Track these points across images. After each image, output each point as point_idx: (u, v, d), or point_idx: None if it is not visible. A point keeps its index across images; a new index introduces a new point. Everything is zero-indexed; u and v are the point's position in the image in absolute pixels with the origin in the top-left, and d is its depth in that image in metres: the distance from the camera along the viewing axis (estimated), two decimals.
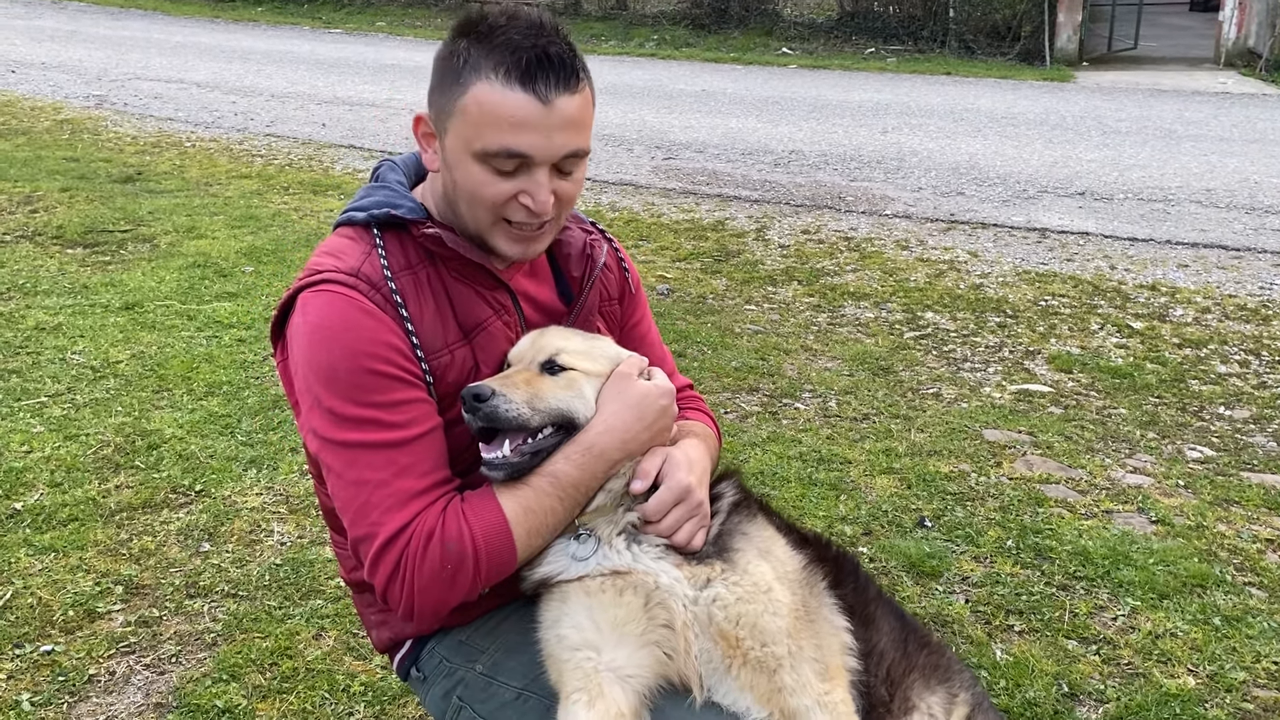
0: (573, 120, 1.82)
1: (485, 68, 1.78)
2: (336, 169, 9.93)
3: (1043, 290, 6.81)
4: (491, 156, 1.80)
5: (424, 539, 1.75)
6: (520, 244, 1.92)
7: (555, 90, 1.78)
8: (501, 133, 1.78)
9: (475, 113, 1.79)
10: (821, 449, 4.55)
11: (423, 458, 1.81)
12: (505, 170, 1.82)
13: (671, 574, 1.80)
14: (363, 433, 1.78)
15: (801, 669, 1.77)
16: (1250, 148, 10.79)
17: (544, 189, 1.83)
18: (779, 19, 20.29)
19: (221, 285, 6.40)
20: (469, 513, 1.79)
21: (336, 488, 1.81)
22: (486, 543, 1.77)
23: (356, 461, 1.78)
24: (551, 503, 1.81)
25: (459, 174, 1.86)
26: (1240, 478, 4.40)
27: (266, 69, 15.56)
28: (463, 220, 1.92)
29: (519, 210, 1.86)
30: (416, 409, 1.83)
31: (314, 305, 1.84)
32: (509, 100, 1.77)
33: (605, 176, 9.73)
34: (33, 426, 4.51)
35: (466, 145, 1.82)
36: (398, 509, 1.76)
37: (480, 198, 1.85)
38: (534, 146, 1.79)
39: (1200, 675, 3.16)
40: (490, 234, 1.90)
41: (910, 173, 9.92)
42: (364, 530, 1.77)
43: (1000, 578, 3.65)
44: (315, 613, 3.36)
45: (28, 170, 9.19)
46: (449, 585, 1.76)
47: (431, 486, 1.80)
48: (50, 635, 3.23)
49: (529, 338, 1.95)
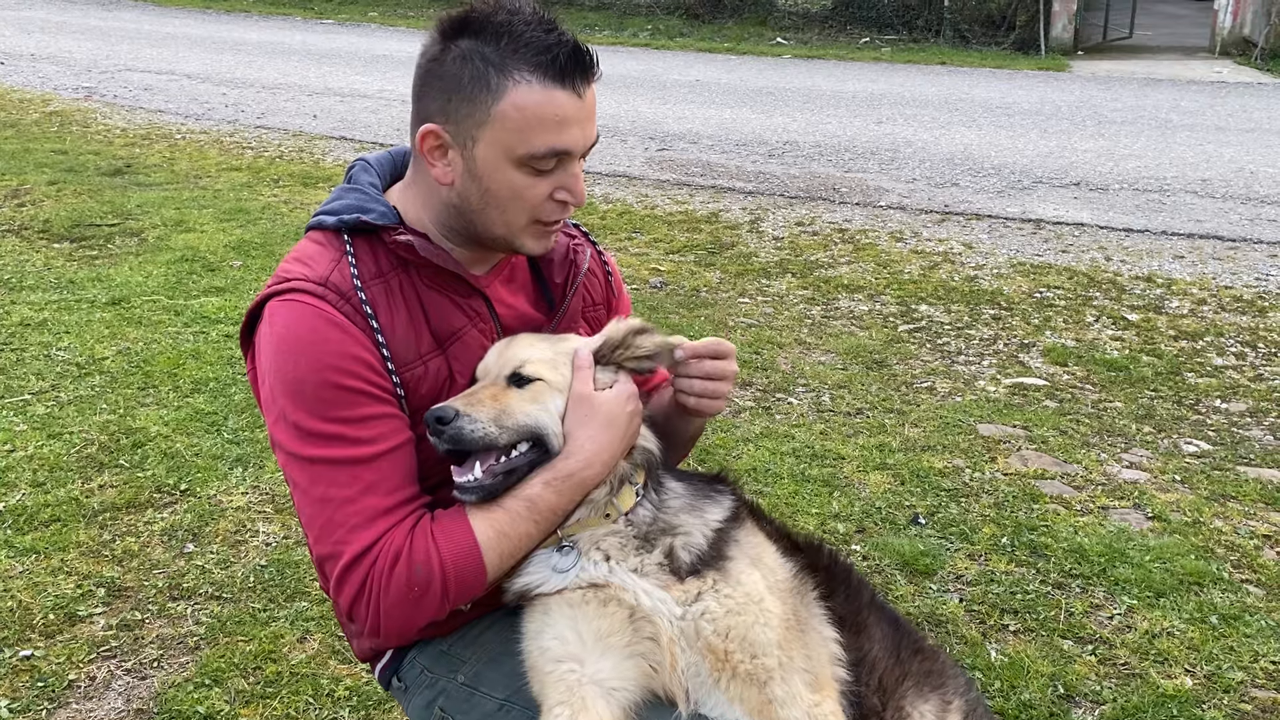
0: (593, 111, 1.85)
1: (517, 70, 1.75)
2: (327, 161, 9.84)
3: (1038, 282, 6.77)
4: (538, 159, 1.79)
5: (391, 559, 1.70)
6: (547, 239, 1.93)
7: (583, 83, 1.80)
8: (548, 133, 1.77)
9: (517, 118, 1.76)
10: (815, 445, 4.51)
11: (389, 474, 1.76)
12: (545, 170, 1.81)
13: (655, 594, 1.75)
14: (328, 449, 1.73)
15: (792, 680, 1.73)
16: (1246, 137, 10.75)
17: (580, 179, 1.86)
18: (773, 8, 20.21)
19: (209, 280, 6.33)
20: (438, 534, 1.74)
21: (301, 503, 1.77)
22: (455, 565, 1.72)
23: (321, 478, 1.74)
24: (527, 527, 1.77)
25: (494, 182, 1.81)
26: (1237, 472, 4.36)
27: (257, 60, 15.45)
28: (487, 226, 1.86)
29: (554, 208, 1.86)
30: (384, 424, 1.78)
31: (281, 315, 1.79)
32: (554, 100, 1.76)
33: (598, 168, 9.65)
34: (15, 425, 4.45)
35: (508, 152, 1.78)
36: (364, 527, 1.72)
37: (522, 201, 1.83)
38: (575, 141, 1.81)
39: (1198, 675, 3.12)
40: (521, 235, 1.88)
41: (905, 163, 9.86)
42: (329, 549, 1.73)
43: (995, 576, 3.61)
44: (300, 615, 3.31)
45: (15, 163, 9.10)
46: (415, 607, 1.72)
47: (399, 504, 1.76)
48: (30, 639, 3.17)
49: (495, 350, 1.89)
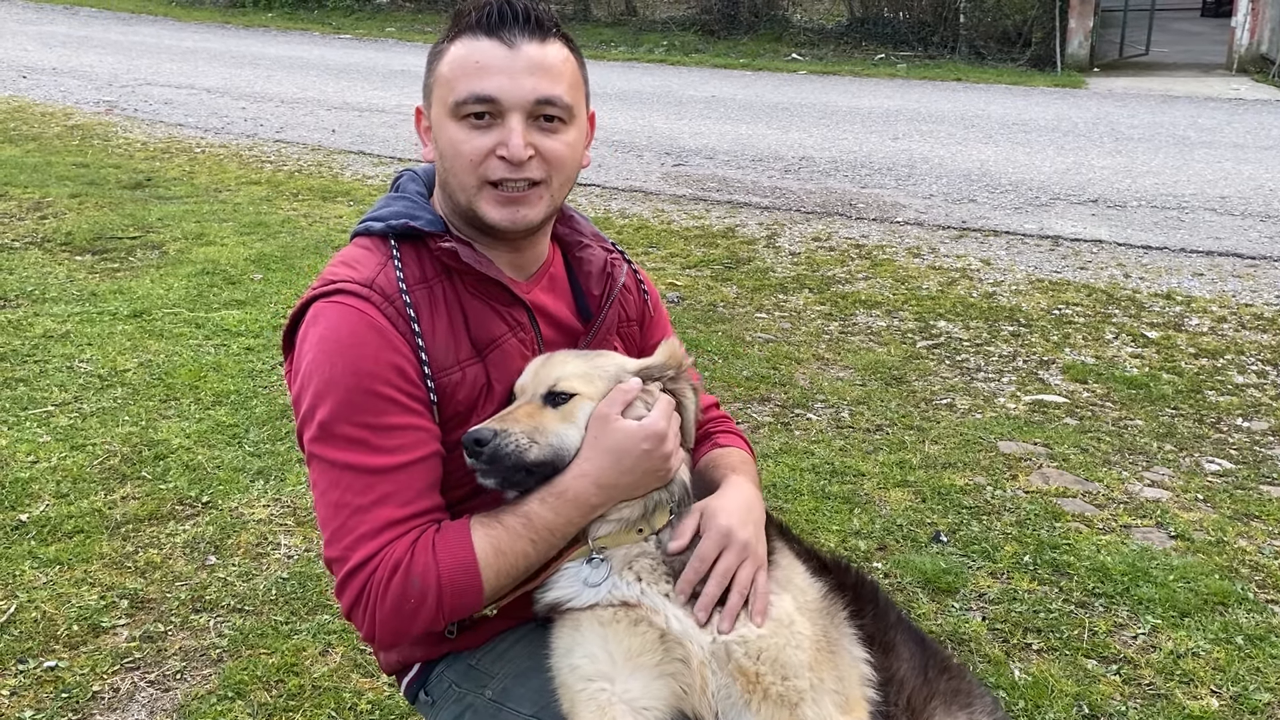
0: (542, 65, 1.84)
1: (455, 33, 1.87)
2: (346, 175, 9.91)
3: (1056, 299, 6.75)
4: (462, 105, 1.83)
5: (389, 570, 1.73)
6: (507, 207, 1.88)
7: (520, 36, 1.83)
8: (470, 79, 1.82)
9: (448, 72, 1.86)
10: (834, 461, 4.50)
11: (405, 486, 1.78)
12: (480, 123, 1.84)
13: (686, 620, 1.75)
14: (350, 453, 1.76)
15: (823, 702, 1.72)
16: (1265, 154, 10.70)
17: (516, 134, 1.83)
18: (788, 25, 20.25)
19: (230, 293, 6.37)
20: (440, 548, 1.76)
21: (318, 503, 1.81)
22: (451, 581, 1.74)
23: (339, 482, 1.77)
24: (524, 545, 1.78)
25: (442, 142, 1.88)
26: (1260, 491, 4.33)
27: (276, 75, 15.58)
28: (455, 197, 1.90)
29: (499, 166, 1.84)
30: (409, 435, 1.80)
31: (325, 316, 1.82)
32: (477, 49, 1.83)
33: (615, 183, 9.69)
34: (39, 436, 4.48)
35: (444, 106, 1.86)
36: (371, 538, 1.75)
37: (459, 156, 1.85)
38: (501, 89, 1.82)
39: (1224, 696, 3.10)
40: (477, 201, 1.88)
41: (921, 179, 9.86)
42: (337, 552, 1.77)
43: (1018, 594, 3.59)
44: (322, 628, 3.32)
45: (37, 176, 9.19)
46: (410, 619, 1.75)
47: (410, 517, 1.78)
48: (54, 650, 3.19)
49: (531, 368, 1.90)
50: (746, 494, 1.94)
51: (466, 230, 1.95)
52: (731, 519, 1.84)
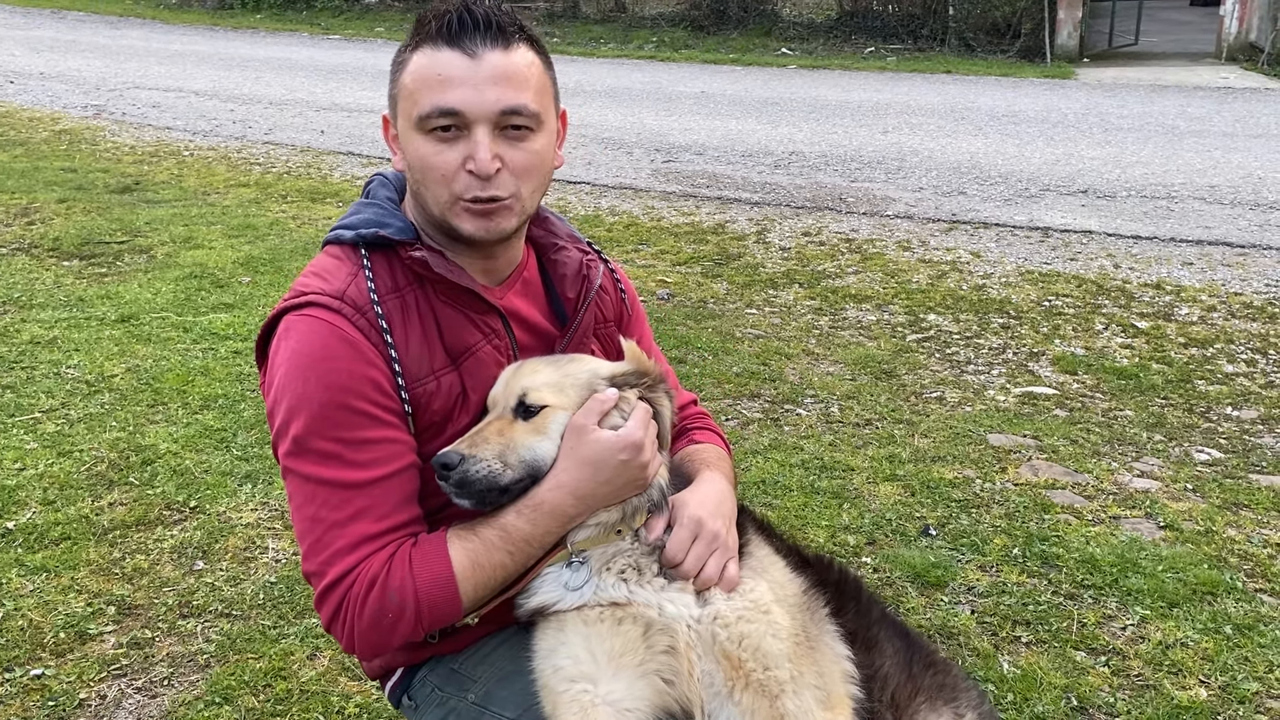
0: (506, 75, 1.80)
1: (417, 41, 1.83)
2: (335, 176, 9.88)
3: (1046, 290, 6.75)
4: (427, 119, 1.80)
5: (366, 585, 1.73)
6: (480, 219, 1.85)
7: (483, 45, 1.79)
8: (432, 92, 1.79)
9: (410, 84, 1.83)
10: (824, 456, 4.49)
11: (381, 500, 1.77)
12: (446, 135, 1.80)
13: (678, 600, 1.75)
14: (324, 468, 1.75)
15: (804, 696, 1.72)
16: (1254, 143, 10.72)
17: (483, 147, 1.79)
18: (778, 19, 20.24)
19: (218, 296, 6.35)
20: (416, 562, 1.75)
21: (294, 516, 1.80)
22: (429, 595, 1.74)
23: (314, 497, 1.76)
24: (501, 557, 1.78)
25: (410, 155, 1.85)
26: (1249, 480, 4.33)
27: (265, 76, 15.54)
28: (428, 209, 1.88)
29: (468, 181, 1.81)
30: (384, 449, 1.79)
31: (297, 329, 1.81)
32: (439, 60, 1.79)
33: (604, 180, 9.67)
34: (26, 443, 4.46)
35: (409, 119, 1.83)
36: (348, 553, 1.75)
37: (430, 170, 1.82)
38: (465, 101, 1.78)
39: (1212, 686, 3.10)
40: (449, 214, 1.85)
41: (911, 173, 9.86)
42: (314, 567, 1.77)
43: (1006, 587, 3.59)
44: (310, 632, 3.31)
45: (25, 181, 9.16)
46: (388, 632, 1.76)
47: (386, 531, 1.77)
48: (41, 658, 3.17)
49: (502, 378, 1.89)
50: (719, 488, 1.95)
51: (438, 237, 1.93)
52: (702, 510, 1.85)
